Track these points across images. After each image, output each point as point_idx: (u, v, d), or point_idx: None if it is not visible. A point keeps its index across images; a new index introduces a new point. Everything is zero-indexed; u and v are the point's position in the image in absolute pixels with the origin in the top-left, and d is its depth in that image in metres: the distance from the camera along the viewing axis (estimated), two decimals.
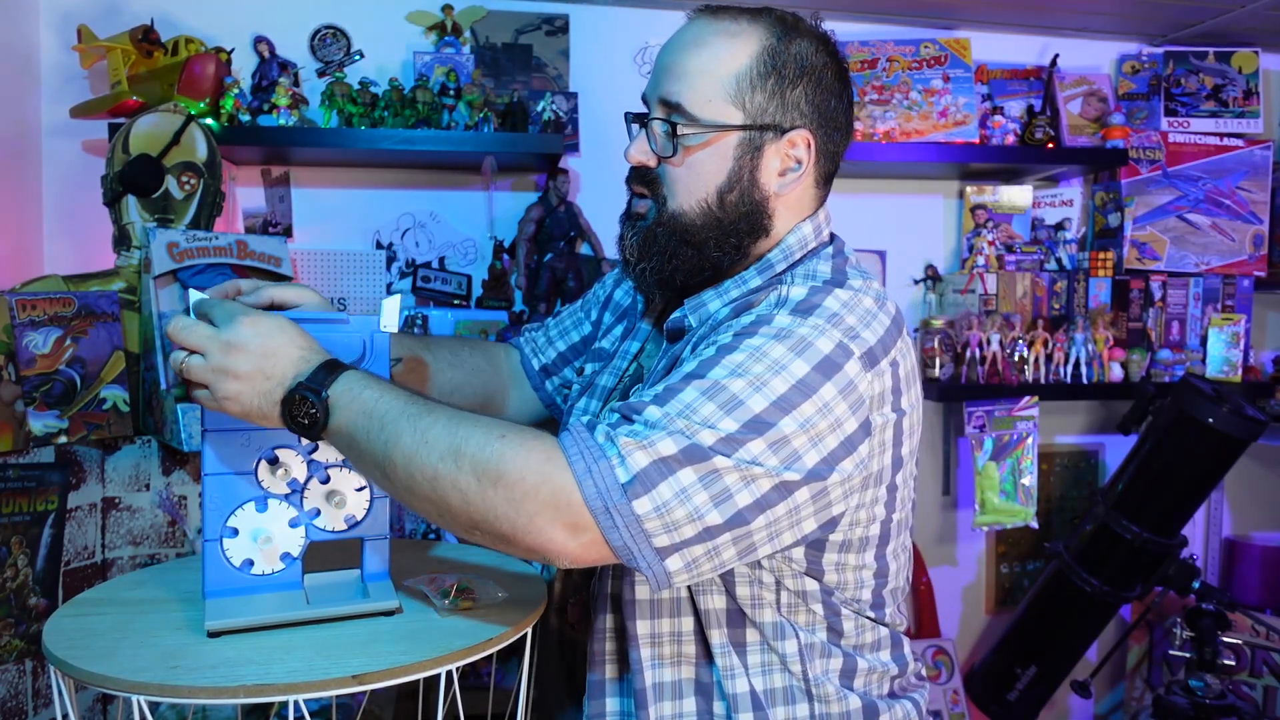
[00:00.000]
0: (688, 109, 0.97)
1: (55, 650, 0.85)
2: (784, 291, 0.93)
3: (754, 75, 0.96)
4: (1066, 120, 2.41)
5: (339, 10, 2.15)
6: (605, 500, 0.80)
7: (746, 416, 0.82)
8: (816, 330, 0.87)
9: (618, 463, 0.80)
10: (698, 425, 0.82)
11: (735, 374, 0.84)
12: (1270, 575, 2.53)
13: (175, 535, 1.65)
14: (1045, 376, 2.27)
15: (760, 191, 0.99)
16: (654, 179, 1.00)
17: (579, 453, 0.81)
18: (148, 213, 1.72)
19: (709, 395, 0.83)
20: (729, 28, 0.98)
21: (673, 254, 1.00)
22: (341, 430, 0.86)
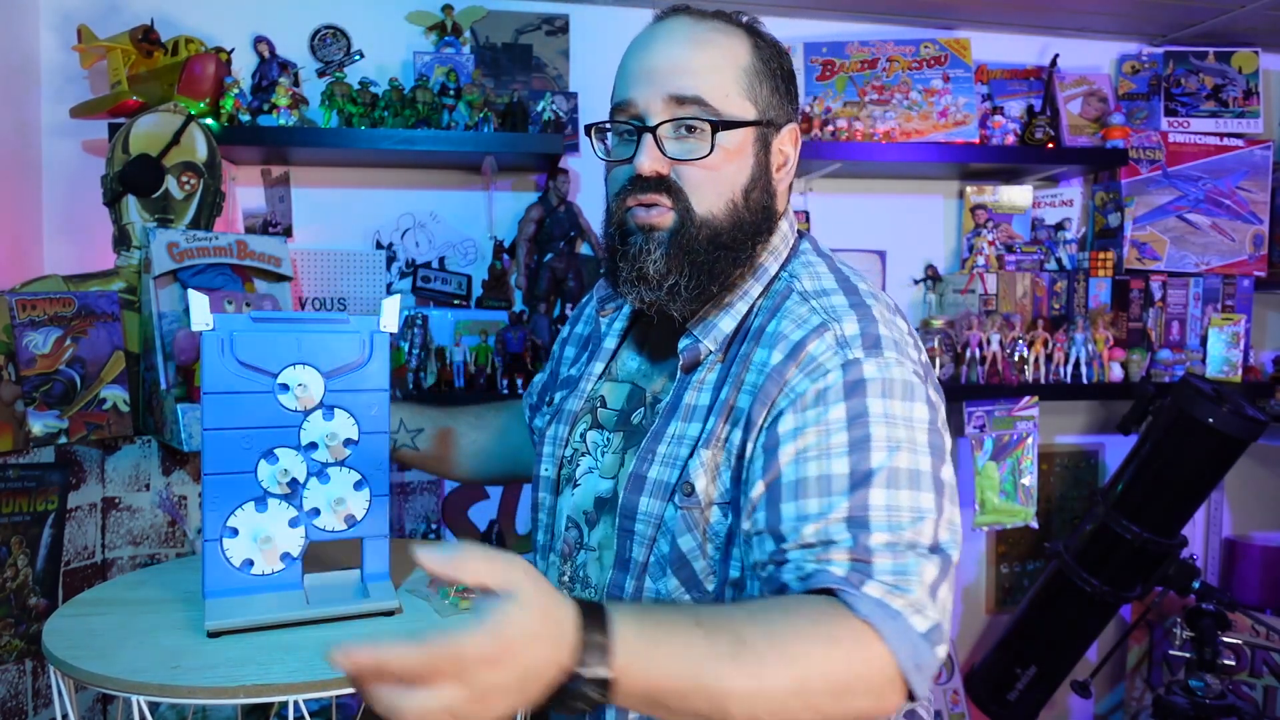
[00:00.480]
0: (711, 103, 0.93)
1: (55, 650, 0.85)
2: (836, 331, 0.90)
3: (757, 70, 0.96)
4: (1066, 120, 2.41)
5: (339, 10, 2.15)
6: (916, 660, 0.78)
7: (925, 474, 0.85)
8: (898, 364, 0.89)
9: (911, 615, 0.79)
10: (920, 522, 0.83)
11: (894, 448, 0.84)
12: (1270, 575, 2.53)
13: (175, 535, 1.65)
14: (1045, 376, 2.27)
15: (771, 188, 0.99)
16: (671, 186, 0.95)
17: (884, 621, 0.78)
18: (148, 213, 1.72)
19: (895, 486, 0.83)
20: (720, 27, 0.97)
21: (712, 262, 0.95)
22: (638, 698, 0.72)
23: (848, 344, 0.89)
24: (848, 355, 0.88)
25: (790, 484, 0.85)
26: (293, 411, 0.94)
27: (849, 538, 0.81)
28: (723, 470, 0.92)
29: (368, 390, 0.98)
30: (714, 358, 0.97)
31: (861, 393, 0.86)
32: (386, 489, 0.99)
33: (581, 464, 1.07)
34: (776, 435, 0.87)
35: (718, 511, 0.92)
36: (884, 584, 0.79)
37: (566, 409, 1.12)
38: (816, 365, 0.88)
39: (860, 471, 0.84)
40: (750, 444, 0.90)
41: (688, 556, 0.93)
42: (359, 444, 0.97)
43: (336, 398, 0.96)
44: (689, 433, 0.94)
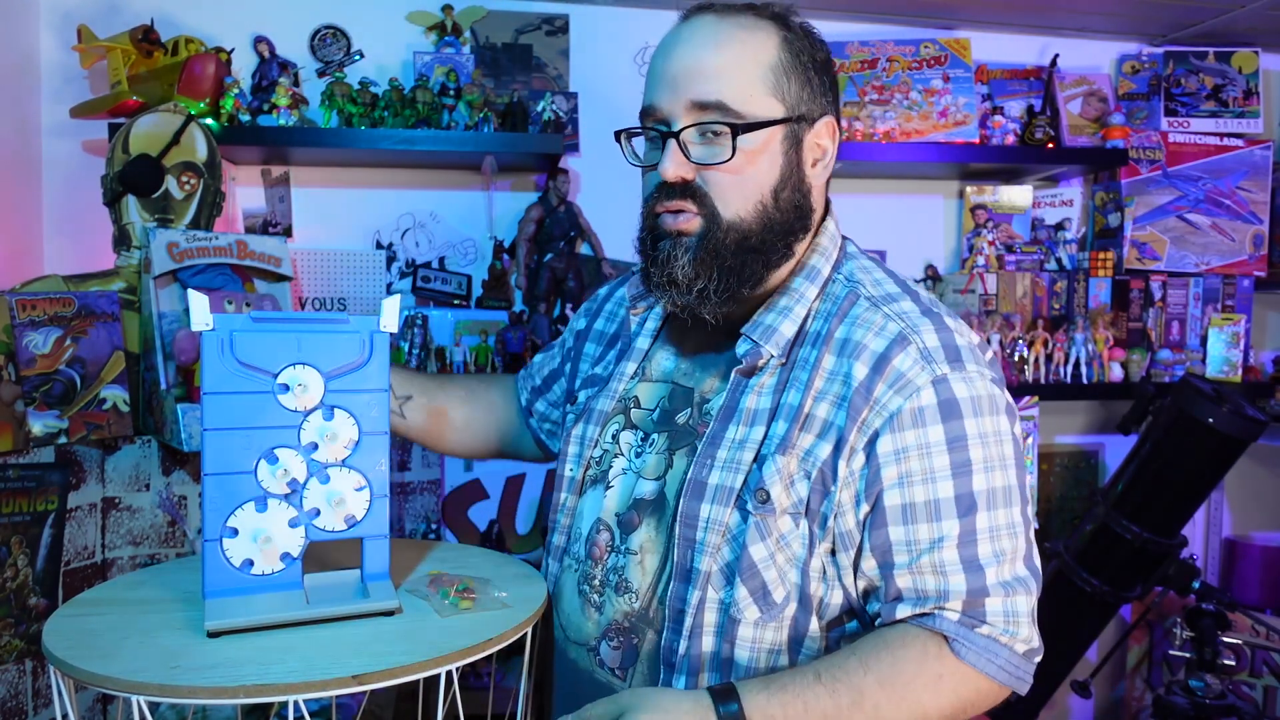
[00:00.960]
0: (733, 106, 0.92)
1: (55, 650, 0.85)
2: (918, 343, 0.92)
3: (784, 65, 0.94)
4: (1066, 120, 2.41)
5: (339, 10, 2.15)
6: (1018, 675, 0.90)
7: (1014, 489, 0.92)
8: (980, 377, 0.92)
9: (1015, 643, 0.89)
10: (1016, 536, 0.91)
11: (990, 468, 0.90)
12: (1270, 575, 2.53)
13: (175, 535, 1.65)
14: (1045, 376, 2.27)
15: (805, 185, 0.98)
16: (696, 191, 0.94)
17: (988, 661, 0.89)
18: (148, 213, 1.72)
19: (994, 507, 0.90)
20: (744, 22, 0.95)
21: (740, 265, 0.95)
22: None
23: (932, 358, 0.91)
24: (935, 371, 0.90)
25: (897, 508, 0.90)
26: (293, 411, 0.94)
27: (963, 582, 0.89)
28: (797, 479, 0.91)
29: (368, 390, 0.98)
30: (775, 362, 0.96)
31: (956, 413, 0.90)
32: (386, 489, 0.99)
33: (614, 465, 1.05)
34: (877, 458, 0.90)
35: (789, 520, 0.91)
36: (993, 626, 0.89)
37: (596, 409, 1.09)
38: (906, 382, 0.90)
39: (965, 496, 0.89)
40: (844, 463, 0.91)
41: (759, 565, 0.91)
42: (359, 444, 0.97)
43: (336, 398, 0.96)
44: (751, 436, 0.94)
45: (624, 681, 0.99)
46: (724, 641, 0.93)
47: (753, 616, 0.92)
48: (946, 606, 0.88)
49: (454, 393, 1.31)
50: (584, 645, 1.03)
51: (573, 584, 1.05)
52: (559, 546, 1.08)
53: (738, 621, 0.92)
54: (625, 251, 2.21)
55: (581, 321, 1.25)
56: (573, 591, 1.05)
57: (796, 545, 0.92)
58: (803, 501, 0.91)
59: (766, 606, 0.92)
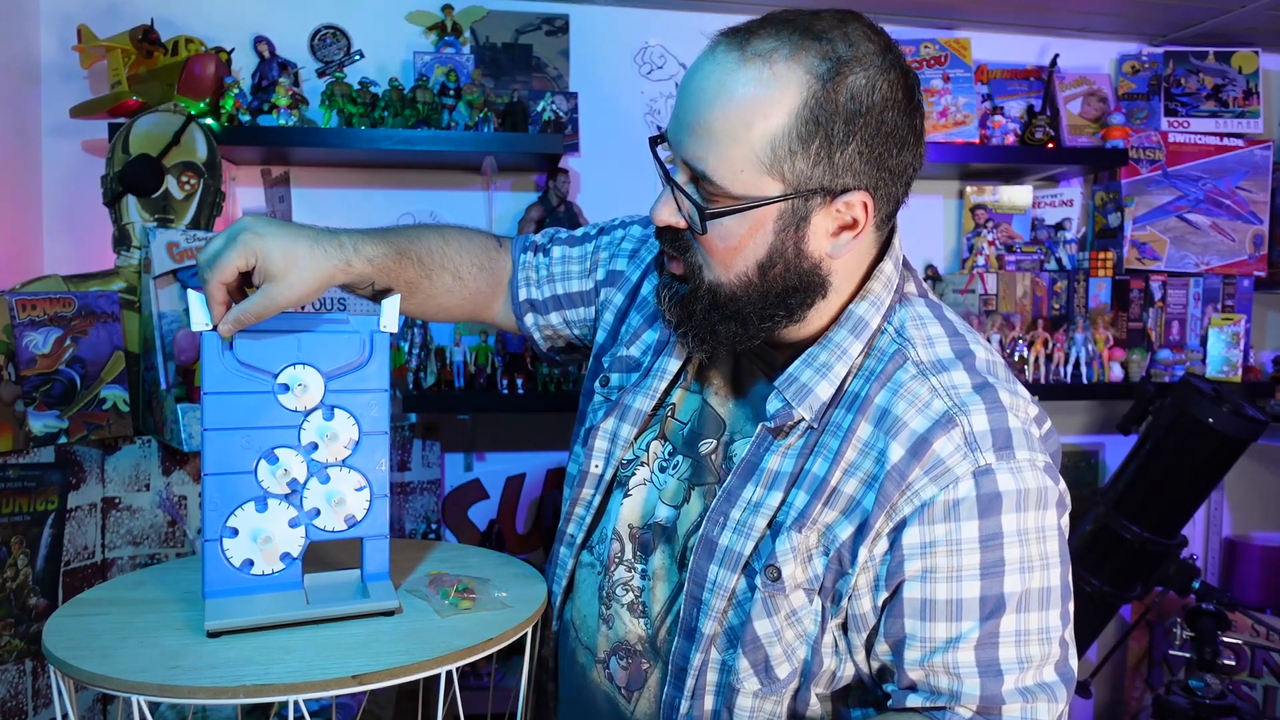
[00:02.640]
0: (716, 181, 0.81)
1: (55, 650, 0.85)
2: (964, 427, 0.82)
3: (793, 139, 0.79)
4: (1066, 120, 2.41)
5: (339, 10, 2.15)
6: None
7: (1054, 592, 0.83)
8: (1030, 468, 0.82)
9: None
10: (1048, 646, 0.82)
11: (1026, 570, 0.82)
12: (1270, 575, 2.53)
13: (175, 535, 1.65)
14: (1045, 376, 2.27)
15: (809, 260, 0.85)
16: (685, 245, 0.87)
17: None
18: (148, 213, 1.72)
19: (1026, 611, 0.82)
20: (760, 74, 0.78)
21: (713, 328, 0.88)
22: None
23: (978, 445, 0.81)
24: (979, 461, 0.80)
25: (915, 601, 0.82)
26: (293, 411, 0.94)
27: (977, 685, 0.81)
28: (815, 555, 0.85)
29: (368, 390, 0.98)
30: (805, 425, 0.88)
31: (996, 509, 0.80)
32: (386, 489, 0.99)
33: (638, 473, 1.01)
34: (902, 549, 0.82)
35: (803, 595, 0.86)
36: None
37: (632, 406, 1.02)
38: (945, 470, 0.81)
39: (992, 598, 0.81)
40: (865, 549, 0.83)
41: (762, 640, 0.87)
42: (359, 444, 0.97)
43: (336, 398, 0.96)
44: (768, 501, 0.87)
45: (629, 703, 0.98)
46: (724, 706, 0.90)
47: (752, 688, 0.89)
48: (959, 706, 0.82)
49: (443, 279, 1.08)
50: (594, 652, 1.02)
51: (592, 586, 1.03)
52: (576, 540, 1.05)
53: (736, 690, 0.89)
54: None
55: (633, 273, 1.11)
56: (591, 594, 1.03)
57: (809, 622, 0.87)
58: (818, 578, 0.85)
59: (768, 681, 0.88)
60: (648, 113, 2.26)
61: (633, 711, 0.98)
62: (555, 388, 2.03)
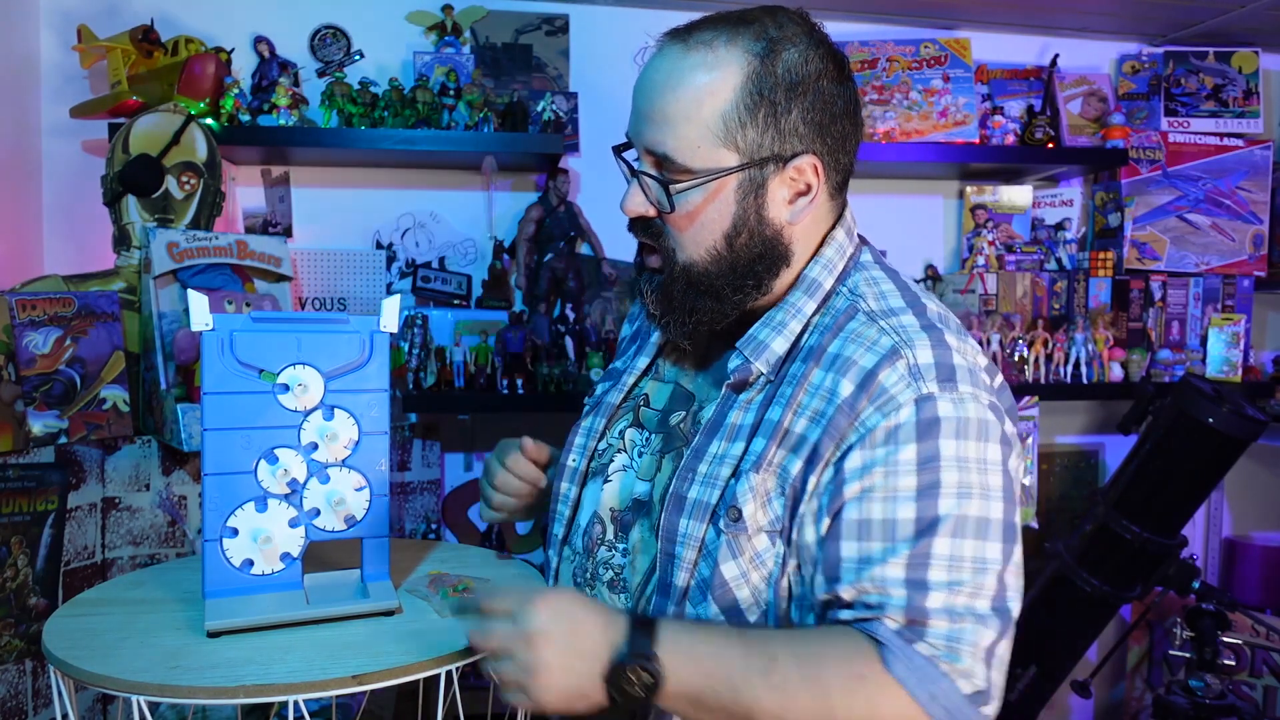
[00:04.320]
0: (676, 160, 0.90)
1: (55, 650, 0.85)
2: (909, 359, 0.85)
3: (741, 110, 0.88)
4: (1066, 120, 2.41)
5: (339, 10, 2.15)
6: (951, 713, 0.80)
7: (993, 523, 0.83)
8: (973, 400, 0.85)
9: (959, 678, 0.80)
10: (983, 575, 0.82)
11: (963, 495, 0.82)
12: (1270, 575, 2.53)
13: (175, 535, 1.65)
14: (1045, 376, 2.27)
15: (771, 227, 0.93)
16: (657, 230, 0.95)
17: (918, 683, 0.80)
18: (148, 213, 1.72)
19: (960, 535, 0.82)
20: (704, 59, 0.89)
21: (692, 307, 0.94)
22: (683, 693, 0.81)
23: (921, 375, 0.85)
24: (921, 389, 0.84)
25: (852, 523, 0.84)
26: (293, 411, 0.94)
27: (904, 597, 0.82)
28: (774, 497, 0.88)
29: (368, 390, 0.98)
30: (764, 379, 0.93)
31: (935, 433, 0.83)
32: (386, 489, 0.99)
33: (616, 460, 1.05)
34: (843, 472, 0.85)
35: (765, 539, 0.89)
36: (933, 647, 0.81)
37: (606, 401, 1.09)
38: (888, 399, 0.84)
39: (926, 519, 0.82)
40: (814, 478, 0.87)
41: (730, 584, 0.90)
42: (359, 444, 0.97)
43: (336, 398, 0.96)
44: (731, 452, 0.92)
45: None
46: None
47: None
48: (885, 617, 0.82)
49: None
50: None
51: (568, 576, 1.05)
52: (558, 537, 1.08)
53: None
54: (625, 251, 2.20)
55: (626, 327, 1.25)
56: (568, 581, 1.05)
57: (771, 563, 0.89)
58: (779, 519, 0.88)
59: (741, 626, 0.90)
60: None
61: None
62: (555, 388, 2.03)
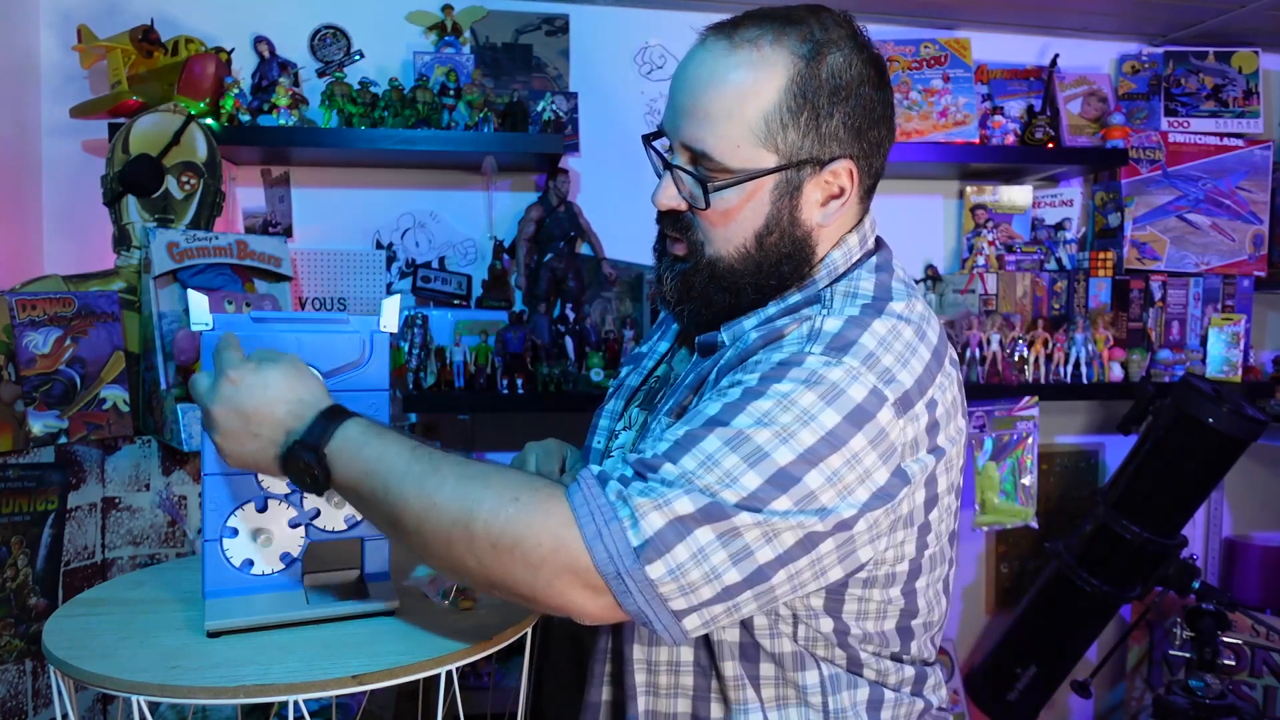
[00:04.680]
0: (716, 158, 0.90)
1: (55, 650, 0.85)
2: (817, 323, 0.87)
3: (784, 112, 0.88)
4: (1066, 120, 2.41)
5: (339, 10, 2.15)
6: (617, 565, 0.77)
7: (771, 470, 0.79)
8: (850, 375, 0.82)
9: (629, 525, 0.77)
10: (718, 482, 0.78)
11: (761, 423, 0.80)
12: (1270, 575, 2.53)
13: (175, 535, 1.65)
14: (1045, 376, 2.27)
15: (802, 228, 0.94)
16: (687, 224, 0.95)
17: (589, 514, 0.78)
18: (148, 213, 1.72)
19: (732, 446, 0.79)
20: (749, 58, 0.88)
21: (710, 300, 0.96)
22: (345, 488, 0.84)
23: (815, 338, 0.86)
24: (810, 347, 0.85)
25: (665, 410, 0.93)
26: None
27: (651, 460, 0.81)
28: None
29: (368, 390, 0.98)
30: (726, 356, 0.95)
31: (784, 374, 0.83)
32: None
33: (621, 436, 1.09)
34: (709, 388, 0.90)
35: None
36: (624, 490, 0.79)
37: (627, 384, 1.13)
38: (780, 345, 0.87)
39: (716, 419, 0.82)
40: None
41: None
42: None
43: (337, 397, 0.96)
44: (680, 402, 0.96)
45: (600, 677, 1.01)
46: None
47: None
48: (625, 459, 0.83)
49: None
50: None
51: None
52: None
53: None
54: (625, 251, 2.21)
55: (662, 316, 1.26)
56: None
57: None
58: None
59: None
60: (648, 113, 2.26)
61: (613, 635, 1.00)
62: (555, 388, 2.03)
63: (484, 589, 0.83)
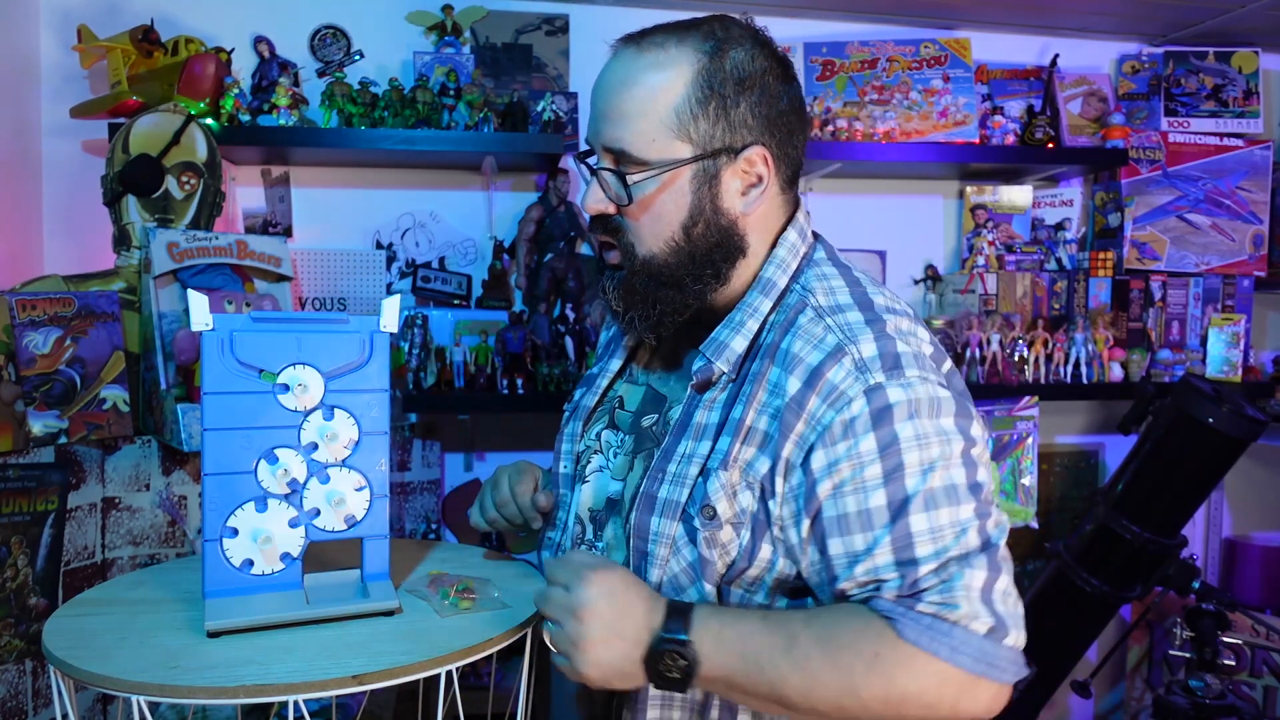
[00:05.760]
0: (633, 153, 0.94)
1: (55, 650, 0.85)
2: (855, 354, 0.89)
3: (693, 103, 0.93)
4: (1066, 120, 2.41)
5: (339, 10, 2.15)
6: (986, 659, 0.82)
7: (960, 487, 0.86)
8: (922, 382, 0.88)
9: (969, 623, 0.82)
10: (964, 534, 0.84)
11: (927, 471, 0.86)
12: (1270, 575, 2.53)
13: (175, 535, 1.65)
14: (1045, 376, 2.27)
15: (726, 217, 0.97)
16: (617, 227, 0.98)
17: (934, 639, 0.82)
18: (148, 213, 1.72)
19: (934, 508, 0.85)
20: (657, 59, 0.94)
21: (655, 298, 0.98)
22: (716, 676, 0.85)
23: (867, 368, 0.88)
24: (869, 381, 0.87)
25: (832, 520, 0.87)
26: (293, 411, 0.94)
27: (898, 577, 0.85)
28: (740, 491, 0.92)
29: (368, 390, 0.98)
30: (726, 378, 0.96)
31: (889, 420, 0.86)
32: (386, 489, 0.99)
33: (593, 461, 1.08)
34: (812, 473, 0.88)
35: (731, 530, 0.92)
36: (933, 604, 0.83)
37: (583, 405, 1.13)
38: (839, 395, 0.88)
39: (898, 501, 0.85)
40: (780, 479, 0.90)
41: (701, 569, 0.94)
42: (359, 444, 0.97)
43: (336, 398, 0.96)
44: (699, 451, 0.94)
45: None
46: None
47: None
48: (883, 596, 0.85)
49: None
50: None
51: None
52: (556, 541, 1.10)
53: None
54: None
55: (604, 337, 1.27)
56: None
57: (734, 552, 0.92)
58: (745, 511, 0.91)
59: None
60: None
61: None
62: (555, 388, 2.03)
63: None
